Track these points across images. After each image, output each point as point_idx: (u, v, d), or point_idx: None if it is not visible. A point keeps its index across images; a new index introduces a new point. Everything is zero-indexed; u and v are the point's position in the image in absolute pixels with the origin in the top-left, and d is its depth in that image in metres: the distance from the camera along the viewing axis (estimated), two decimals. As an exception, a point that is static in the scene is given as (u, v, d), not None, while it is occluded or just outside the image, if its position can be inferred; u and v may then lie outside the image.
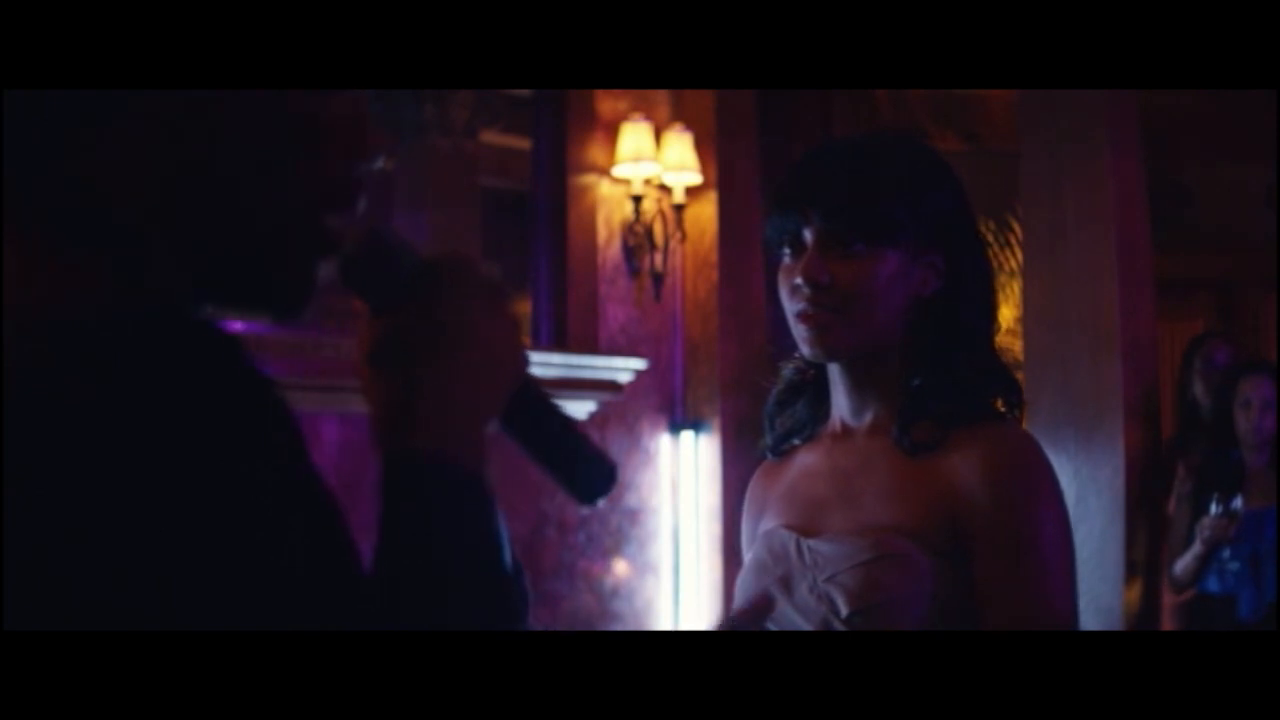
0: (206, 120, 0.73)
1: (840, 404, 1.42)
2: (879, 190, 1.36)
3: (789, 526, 1.40)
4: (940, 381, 1.36)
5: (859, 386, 1.40)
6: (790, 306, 1.38)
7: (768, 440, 1.51)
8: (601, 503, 0.86)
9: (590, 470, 0.85)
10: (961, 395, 1.36)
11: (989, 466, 1.30)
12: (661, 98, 4.67)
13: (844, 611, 1.29)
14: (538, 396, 0.85)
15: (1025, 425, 1.42)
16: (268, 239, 0.76)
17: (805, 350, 1.39)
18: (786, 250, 1.39)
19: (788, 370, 1.48)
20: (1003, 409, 1.40)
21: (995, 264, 5.11)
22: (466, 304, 0.80)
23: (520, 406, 0.83)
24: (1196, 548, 3.55)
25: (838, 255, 1.35)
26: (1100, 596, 3.86)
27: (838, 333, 1.36)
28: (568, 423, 0.86)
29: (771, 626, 1.37)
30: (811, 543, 1.36)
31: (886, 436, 1.37)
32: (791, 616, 1.35)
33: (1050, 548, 1.30)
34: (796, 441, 1.48)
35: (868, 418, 1.40)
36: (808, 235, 1.37)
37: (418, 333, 0.78)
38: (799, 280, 1.36)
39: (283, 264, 0.77)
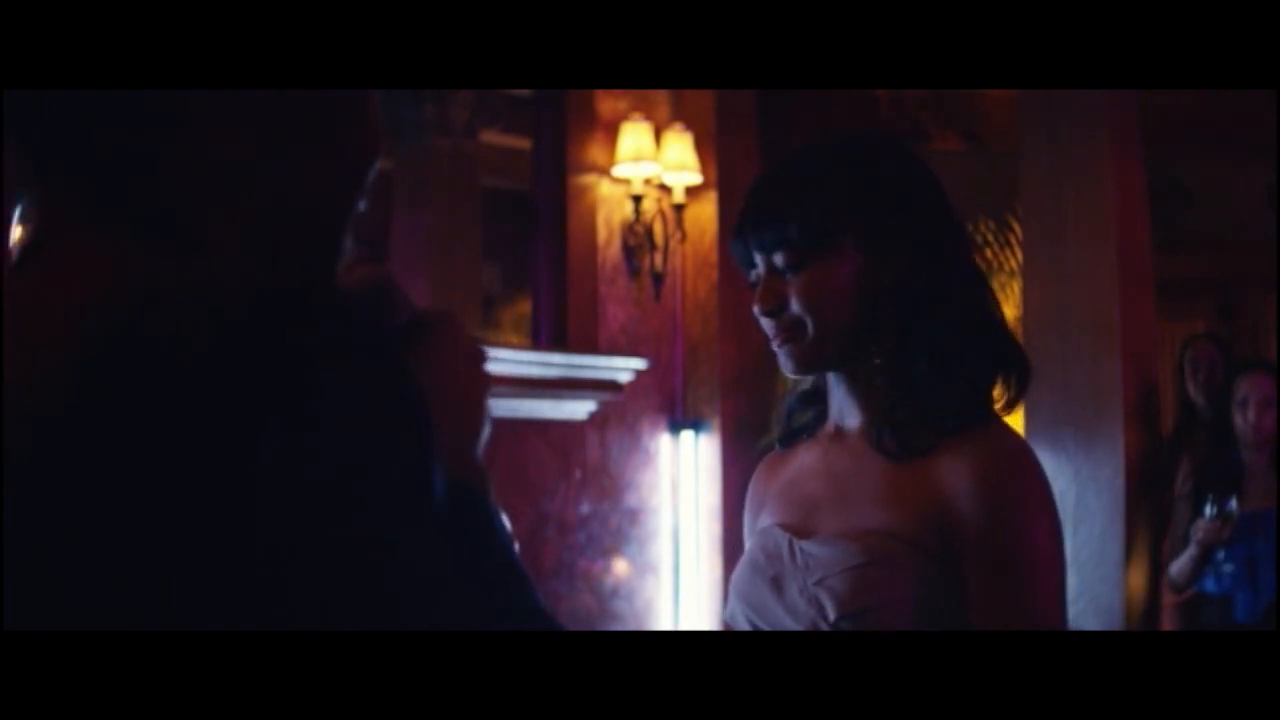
0: (252, 119, 0.75)
1: (835, 405, 1.43)
2: (810, 208, 1.36)
3: (783, 525, 1.41)
4: (925, 382, 1.34)
5: (849, 389, 1.41)
6: (764, 329, 1.41)
7: (780, 432, 1.52)
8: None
9: None
10: (948, 398, 1.34)
11: (979, 475, 1.29)
12: (661, 98, 4.67)
13: (832, 616, 1.29)
14: None
15: (1024, 426, 1.42)
16: (304, 230, 0.78)
17: (785, 370, 1.42)
18: (752, 276, 1.42)
19: None
20: (1006, 391, 1.37)
21: (995, 264, 5.11)
22: (452, 359, 0.85)
23: None
24: (1191, 549, 3.55)
25: (789, 277, 1.38)
26: (1100, 596, 3.86)
27: (804, 350, 1.38)
28: None
29: (764, 627, 1.38)
30: (804, 544, 1.36)
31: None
32: (782, 617, 1.35)
33: (1041, 557, 1.29)
34: (804, 436, 1.49)
35: (860, 420, 1.40)
36: (759, 262, 1.39)
37: (419, 376, 0.82)
38: (755, 309, 1.40)
39: (314, 252, 0.79)
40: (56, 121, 0.73)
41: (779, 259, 1.38)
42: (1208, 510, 3.50)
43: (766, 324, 1.40)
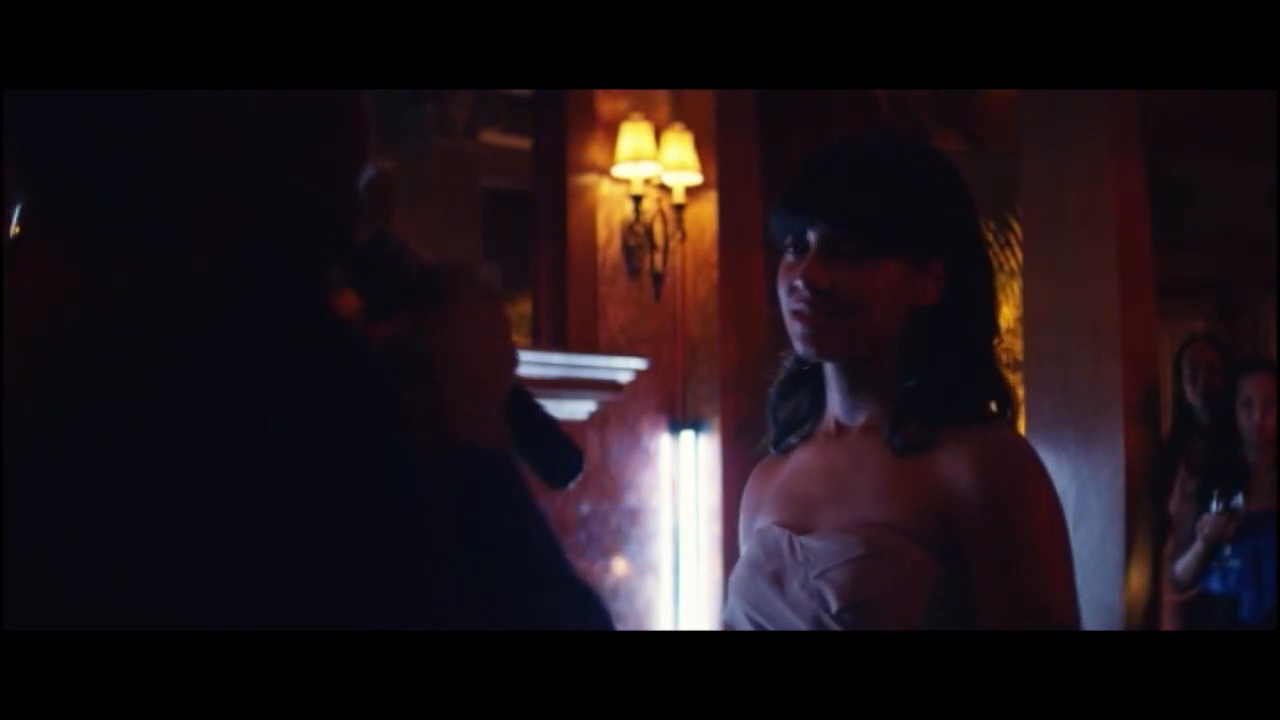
0: (245, 121, 0.74)
1: (834, 403, 1.43)
2: (887, 200, 1.36)
3: (782, 524, 1.41)
4: (934, 383, 1.36)
5: (854, 387, 1.41)
6: (787, 304, 1.39)
7: (771, 433, 1.52)
8: (572, 484, 0.94)
9: (566, 455, 0.93)
10: (954, 397, 1.36)
11: (981, 468, 1.30)
12: (661, 98, 4.67)
13: (834, 607, 1.30)
14: (521, 391, 0.90)
15: (1024, 425, 1.43)
16: (296, 234, 0.78)
17: (797, 348, 1.40)
18: (789, 248, 1.40)
19: (788, 362, 1.49)
20: (995, 411, 1.40)
21: (995, 264, 5.11)
22: (469, 306, 0.83)
23: (510, 400, 0.87)
24: (1197, 546, 3.54)
25: (840, 260, 1.35)
26: (1100, 596, 3.86)
27: (831, 335, 1.36)
28: (546, 415, 0.92)
29: (765, 624, 1.38)
30: (804, 539, 1.36)
31: (879, 436, 1.38)
32: (784, 613, 1.35)
33: (1046, 546, 1.30)
34: (793, 440, 1.49)
35: (861, 418, 1.41)
36: (811, 237, 1.37)
37: (430, 333, 0.80)
38: (798, 282, 1.36)
39: (309, 252, 0.79)
40: (47, 123, 0.73)
41: (840, 241, 1.35)
42: (1213, 506, 3.50)
43: (797, 299, 1.37)
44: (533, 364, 4.23)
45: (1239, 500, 3.49)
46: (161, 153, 0.73)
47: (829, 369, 1.43)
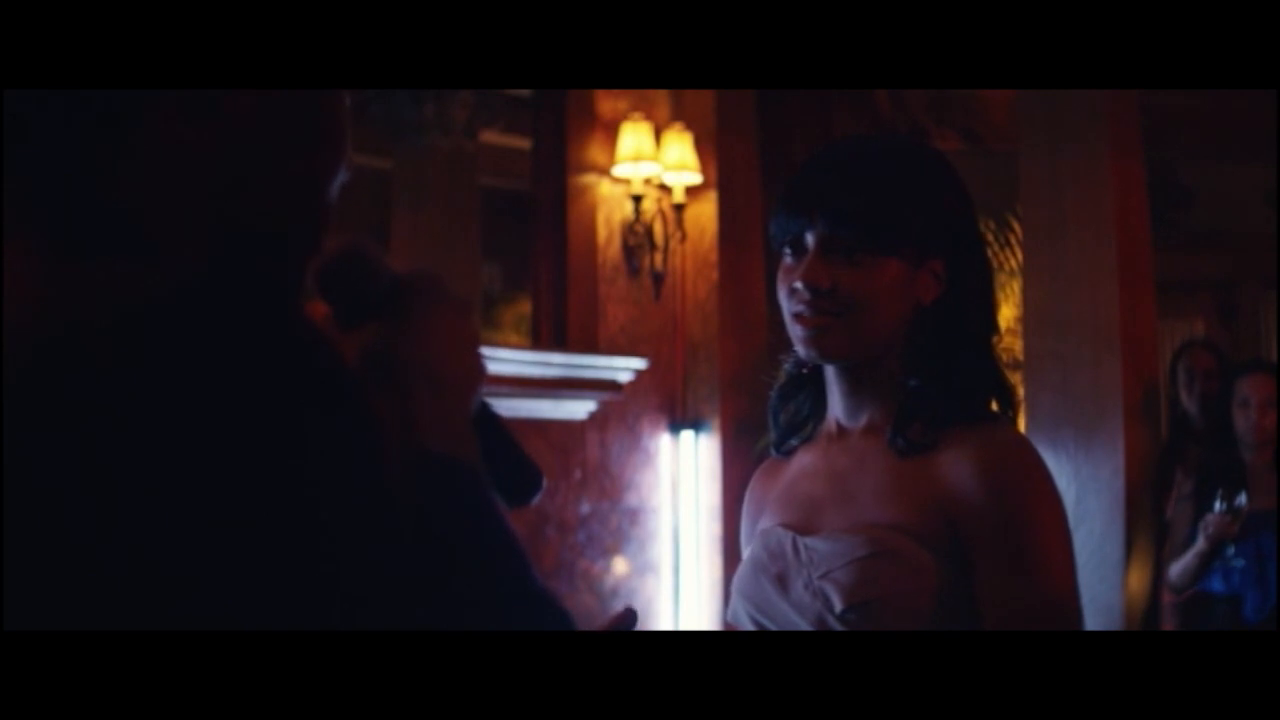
0: (214, 127, 0.74)
1: (836, 405, 1.43)
2: (885, 199, 1.36)
3: (785, 525, 1.41)
4: (937, 383, 1.36)
5: (855, 388, 1.41)
6: (788, 306, 1.39)
7: (772, 436, 1.52)
8: (534, 501, 0.95)
9: (527, 473, 0.94)
10: (956, 396, 1.36)
11: (984, 466, 1.31)
12: (661, 98, 4.67)
13: (839, 607, 1.30)
14: (485, 407, 0.90)
15: (1024, 426, 1.43)
16: (267, 239, 0.77)
17: (800, 350, 1.40)
18: (788, 250, 1.40)
19: (788, 364, 1.49)
20: (996, 410, 1.40)
21: (995, 264, 5.11)
22: (438, 317, 0.82)
23: (477, 414, 0.86)
24: (1200, 545, 3.52)
25: (840, 261, 1.35)
26: (1100, 596, 3.85)
27: (834, 336, 1.36)
28: (509, 433, 0.91)
29: (769, 625, 1.38)
30: (808, 540, 1.36)
31: (882, 437, 1.38)
32: (788, 614, 1.36)
33: (1050, 542, 1.31)
34: (794, 442, 1.49)
35: (863, 419, 1.41)
36: (810, 239, 1.37)
37: (399, 345, 0.80)
38: (799, 284, 1.36)
39: (279, 263, 0.78)
40: (14, 123, 0.72)
41: (840, 241, 1.35)
42: (1217, 505, 3.48)
43: (798, 301, 1.37)
44: (533, 364, 4.23)
45: (1242, 499, 3.48)
46: (131, 153, 0.72)
47: (829, 371, 1.43)
